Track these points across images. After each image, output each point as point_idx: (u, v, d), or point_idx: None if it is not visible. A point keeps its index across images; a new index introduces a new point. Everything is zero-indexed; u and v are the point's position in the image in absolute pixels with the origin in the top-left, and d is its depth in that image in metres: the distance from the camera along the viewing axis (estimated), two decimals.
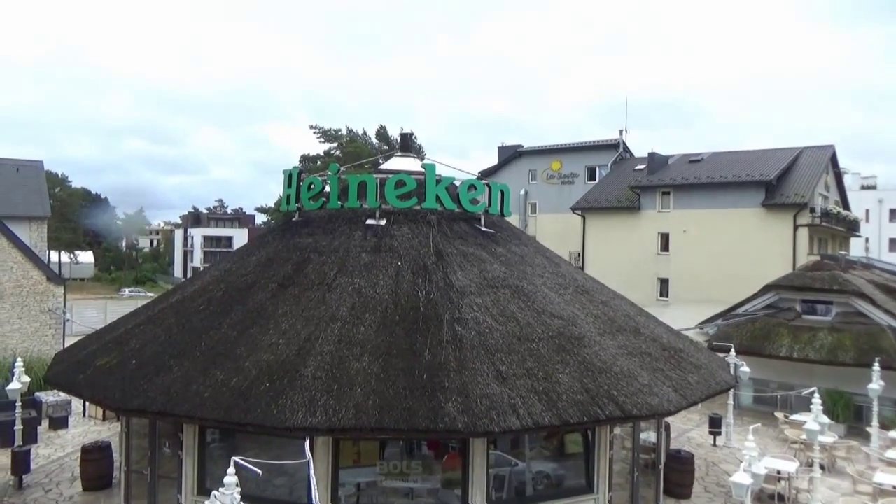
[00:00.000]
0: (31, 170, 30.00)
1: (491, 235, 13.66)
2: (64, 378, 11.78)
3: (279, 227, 15.09)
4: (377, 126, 66.91)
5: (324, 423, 8.67)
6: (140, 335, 11.80)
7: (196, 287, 13.07)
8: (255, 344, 10.31)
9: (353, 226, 13.03)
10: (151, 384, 10.12)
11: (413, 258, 12.03)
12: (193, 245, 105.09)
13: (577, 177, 42.12)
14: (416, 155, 17.54)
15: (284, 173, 14.37)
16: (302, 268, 12.07)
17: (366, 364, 9.57)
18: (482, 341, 10.21)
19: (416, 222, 13.07)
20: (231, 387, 9.53)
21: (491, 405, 8.98)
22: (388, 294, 11.09)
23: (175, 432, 10.98)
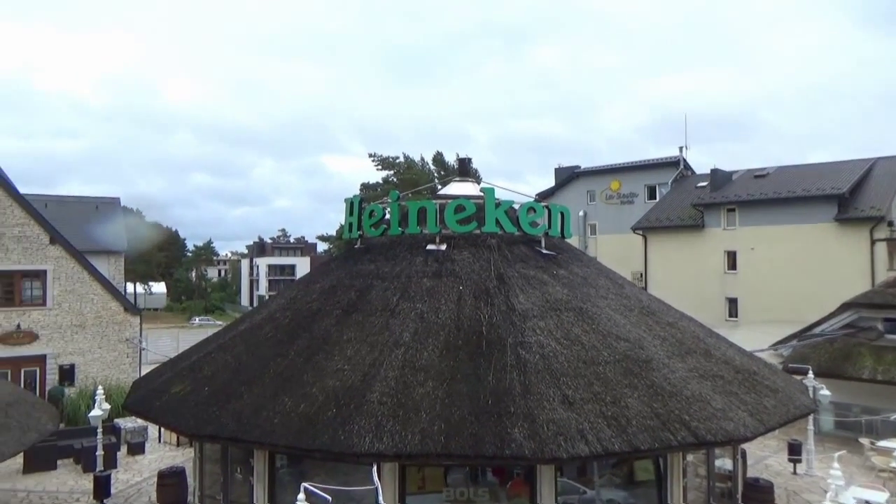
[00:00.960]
0: (108, 207, 31.68)
1: (552, 258, 13.54)
2: (141, 405, 12.24)
3: (342, 255, 15.39)
4: (433, 152, 67.61)
5: (390, 448, 8.70)
6: (212, 363, 12.18)
7: (263, 315, 13.42)
8: (322, 370, 10.48)
9: (414, 251, 13.16)
10: (223, 411, 10.40)
11: (474, 282, 12.05)
12: (259, 274, 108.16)
13: (637, 196, 41.39)
14: (473, 179, 17.61)
15: (346, 202, 14.69)
16: (365, 294, 12.24)
17: (430, 389, 9.58)
18: (547, 365, 10.08)
19: (477, 246, 13.10)
20: (299, 413, 9.69)
21: (558, 431, 8.82)
22: (450, 318, 11.11)
23: (246, 458, 11.22)
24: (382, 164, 65.20)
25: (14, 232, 22.49)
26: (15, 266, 22.51)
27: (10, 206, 22.47)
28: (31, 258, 22.77)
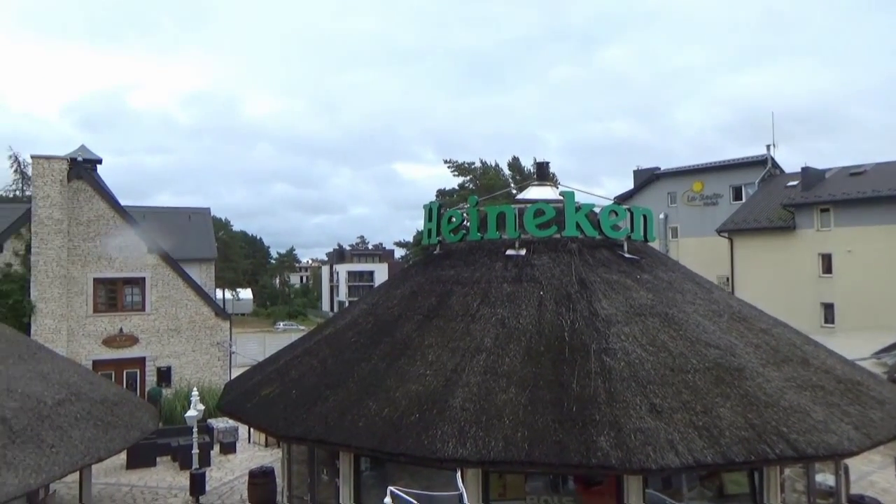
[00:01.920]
0: (200, 217, 33.31)
1: (635, 262, 13.20)
2: (234, 406, 12.77)
3: (421, 261, 15.55)
4: (506, 157, 67.47)
5: (474, 454, 8.69)
6: (298, 366, 12.55)
7: (347, 320, 13.73)
8: (404, 375, 10.60)
9: (494, 257, 13.13)
10: (310, 413, 10.70)
11: (555, 287, 11.89)
12: (339, 280, 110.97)
13: (721, 197, 39.83)
14: (552, 183, 17.42)
15: (425, 208, 14.84)
16: (445, 299, 12.31)
17: (513, 395, 9.51)
18: (632, 372, 9.81)
19: (557, 251, 12.94)
20: (383, 417, 9.84)
21: (646, 440, 8.56)
22: (531, 324, 11.01)
23: (332, 460, 11.49)
24: (458, 170, 65.62)
25: (116, 242, 24.01)
26: (117, 274, 24.04)
27: (112, 218, 24.02)
28: (131, 266, 24.25)
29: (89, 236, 23.61)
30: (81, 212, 23.46)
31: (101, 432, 11.84)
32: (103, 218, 23.86)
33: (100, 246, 23.67)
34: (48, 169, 22.46)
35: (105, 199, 24.07)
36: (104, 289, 24.00)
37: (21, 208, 26.66)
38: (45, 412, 11.30)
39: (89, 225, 23.62)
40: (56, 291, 22.37)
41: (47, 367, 12.85)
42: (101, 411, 12.39)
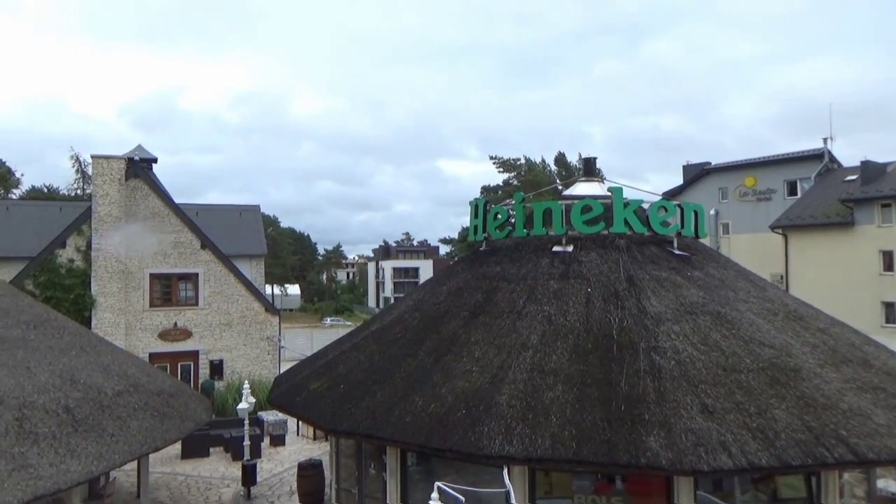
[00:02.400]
0: (250, 213, 34.01)
1: (685, 259, 12.92)
2: (283, 400, 13.03)
3: (467, 257, 15.55)
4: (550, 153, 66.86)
5: (521, 452, 8.67)
6: (346, 361, 12.73)
7: (393, 316, 13.84)
8: (450, 371, 10.64)
9: (540, 253, 13.05)
10: (358, 408, 10.85)
11: (603, 284, 11.75)
12: (384, 276, 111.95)
13: (775, 192, 38.59)
14: (599, 179, 17.18)
15: (471, 204, 14.83)
16: (491, 296, 12.29)
17: (560, 393, 9.45)
18: (683, 372, 9.62)
19: (605, 247, 12.77)
20: (430, 413, 9.90)
21: (698, 441, 8.39)
22: (578, 321, 10.91)
23: (379, 454, 11.61)
24: (503, 167, 65.31)
25: (171, 238, 24.76)
26: (172, 269, 24.77)
27: (167, 215, 24.76)
28: (185, 262, 24.96)
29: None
30: (138, 209, 24.25)
31: (157, 423, 12.25)
32: (159, 215, 24.62)
33: (155, 242, 24.45)
34: (107, 168, 23.29)
35: (160, 196, 24.83)
36: (159, 284, 24.77)
37: (82, 206, 27.72)
38: (105, 402, 11.74)
39: (146, 222, 24.40)
40: (115, 286, 23.20)
41: (107, 359, 13.35)
42: (157, 402, 12.82)
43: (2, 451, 9.54)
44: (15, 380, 10.91)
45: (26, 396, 10.72)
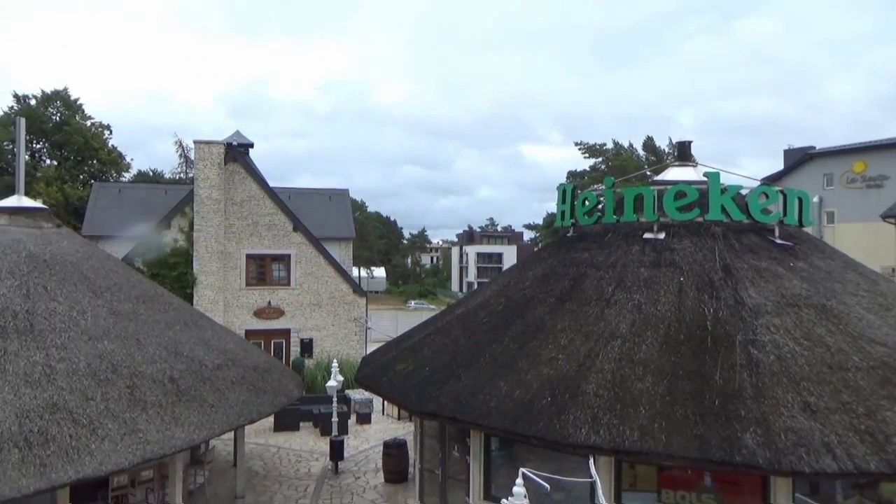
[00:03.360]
0: (339, 197, 34.93)
1: (788, 248, 12.21)
2: (370, 380, 13.37)
3: (554, 243, 15.34)
4: (637, 138, 64.75)
5: (607, 442, 8.51)
6: (431, 344, 12.88)
7: (478, 301, 13.87)
8: (536, 358, 10.56)
9: (630, 240, 12.68)
10: (442, 391, 10.97)
11: (697, 273, 11.29)
12: (468, 261, 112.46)
13: (888, 179, 35.71)
14: (694, 164, 16.48)
15: (559, 189, 14.59)
16: (579, 283, 12.08)
17: (649, 385, 9.19)
18: (783, 367, 9.13)
19: (699, 235, 12.25)
20: (514, 398, 9.88)
21: (798, 441, 7.95)
22: (670, 311, 10.55)
23: (463, 437, 11.72)
24: (589, 152, 63.82)
25: (265, 220, 25.82)
26: (266, 250, 25.86)
27: (262, 199, 25.82)
28: (278, 243, 25.98)
29: (242, 215, 25.55)
30: (236, 192, 25.42)
31: (253, 396, 12.85)
32: (254, 198, 25.71)
33: (252, 224, 25.58)
34: (208, 153, 24.51)
35: (256, 180, 25.90)
36: (255, 264, 25.92)
37: (185, 189, 29.31)
38: (206, 375, 12.42)
39: (242, 205, 25.55)
40: (214, 265, 24.47)
41: (208, 334, 14.10)
42: (253, 377, 13.44)
43: (115, 415, 10.29)
44: (126, 350, 11.71)
45: (136, 366, 11.49)
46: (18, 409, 9.59)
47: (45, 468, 8.96)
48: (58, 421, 9.67)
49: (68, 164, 46.35)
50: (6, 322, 10.81)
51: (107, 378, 10.86)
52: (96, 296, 12.50)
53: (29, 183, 33.84)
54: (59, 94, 47.31)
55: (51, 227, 13.61)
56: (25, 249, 12.42)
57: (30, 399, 9.81)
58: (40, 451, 9.15)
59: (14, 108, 45.06)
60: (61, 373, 10.47)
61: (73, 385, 10.38)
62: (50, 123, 46.23)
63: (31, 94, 46.69)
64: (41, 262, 12.37)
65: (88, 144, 46.48)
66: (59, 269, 12.47)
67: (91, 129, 47.93)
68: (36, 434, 9.34)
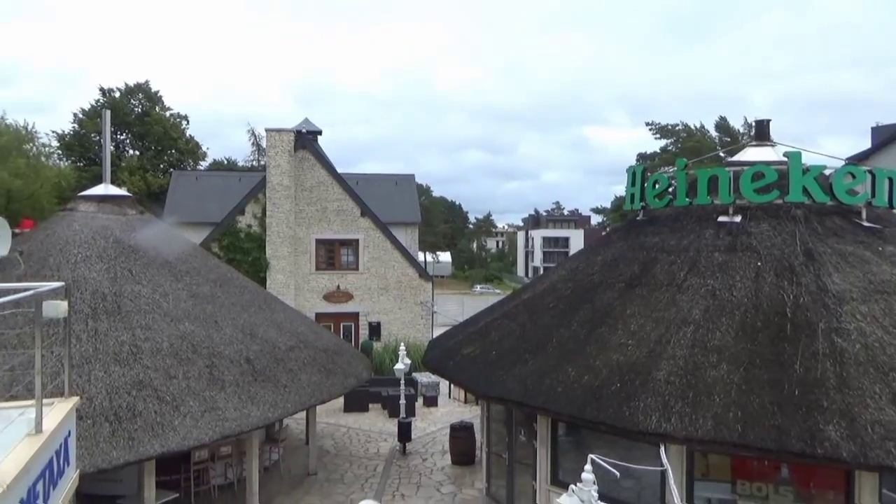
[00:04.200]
0: (405, 182, 35.26)
1: (876, 232, 11.51)
2: (437, 363, 13.50)
3: (623, 227, 15.01)
4: (713, 118, 62.28)
5: (679, 431, 8.31)
6: (498, 329, 12.88)
7: (545, 285, 13.75)
8: (604, 343, 10.40)
9: (704, 223, 12.25)
10: (509, 375, 10.96)
11: (776, 258, 10.81)
12: (534, 246, 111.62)
13: None
14: (772, 143, 15.74)
15: (628, 171, 14.23)
16: (649, 268, 11.79)
17: (724, 373, 8.90)
18: (870, 357, 8.65)
19: (778, 218, 11.71)
20: (582, 384, 9.77)
21: (887, 434, 7.54)
22: (746, 297, 10.15)
23: (529, 422, 11.69)
24: (661, 133, 61.95)
25: (334, 206, 26.37)
26: (335, 235, 26.44)
27: (331, 184, 26.36)
28: (346, 228, 26.51)
29: (312, 201, 26.17)
30: (305, 178, 26.04)
31: (324, 377, 13.23)
32: (323, 184, 26.28)
33: (321, 210, 26.18)
34: (278, 140, 25.18)
35: (325, 166, 26.45)
36: (324, 249, 26.55)
37: (258, 176, 30.24)
38: (279, 356, 12.86)
39: (312, 190, 26.16)
40: (285, 250, 25.21)
41: (281, 317, 14.57)
42: (323, 359, 13.82)
43: (196, 393, 10.80)
44: (206, 331, 12.25)
45: (214, 347, 12.01)
46: (108, 385, 10.20)
47: (133, 442, 9.51)
48: (144, 397, 10.24)
49: (149, 153, 48.58)
50: (96, 304, 11.48)
51: (188, 357, 11.40)
52: (177, 279, 13.10)
53: (114, 172, 35.69)
54: (141, 87, 49.56)
55: (135, 213, 14.32)
56: (112, 235, 13.12)
57: (118, 376, 10.41)
58: (128, 425, 9.71)
59: (100, 102, 47.48)
60: (146, 352, 11.06)
61: (157, 364, 10.95)
62: (132, 115, 48.50)
63: (116, 88, 49.10)
64: (126, 247, 13.05)
65: (168, 134, 48.55)
66: (142, 254, 13.12)
67: (170, 119, 50.02)
68: (124, 409, 9.92)
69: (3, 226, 11.77)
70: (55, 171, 37.47)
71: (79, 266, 12.09)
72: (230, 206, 26.62)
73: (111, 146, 25.33)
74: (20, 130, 34.98)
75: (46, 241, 12.71)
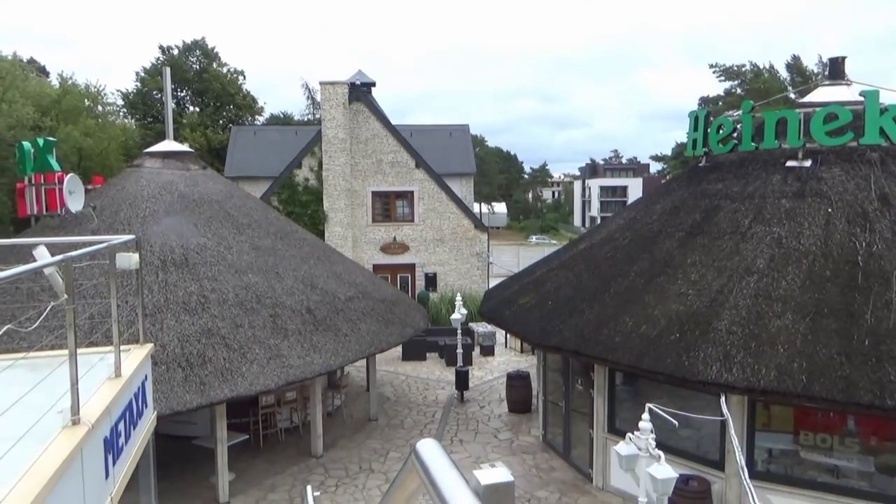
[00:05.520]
0: (459, 133, 34.92)
1: None
2: (493, 313, 13.60)
3: (684, 174, 14.56)
4: (781, 58, 58.75)
5: (741, 381, 8.18)
6: (554, 279, 12.83)
7: (603, 235, 13.55)
8: (663, 293, 10.24)
9: (770, 169, 11.74)
10: (566, 325, 10.95)
11: (848, 204, 10.31)
12: (591, 195, 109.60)
13: None
14: (847, 83, 14.81)
15: (690, 116, 13.69)
16: (711, 216, 11.44)
17: (789, 322, 8.66)
18: None
19: (851, 162, 11.11)
20: (640, 334, 9.69)
21: None
22: (815, 245, 9.76)
23: (586, 371, 11.72)
24: (725, 74, 58.97)
25: (389, 158, 26.44)
26: (391, 187, 26.59)
27: (385, 137, 26.37)
28: (402, 180, 26.60)
29: (367, 153, 26.30)
30: (360, 131, 26.13)
31: (382, 327, 13.53)
32: (378, 136, 26.32)
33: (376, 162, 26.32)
34: (333, 93, 25.24)
35: (379, 119, 26.44)
36: (380, 201, 26.78)
37: (313, 130, 30.52)
38: (339, 306, 13.19)
39: (367, 143, 26.26)
40: (342, 203, 25.56)
41: (339, 269, 14.88)
42: (382, 309, 14.10)
43: (261, 341, 11.24)
44: (268, 283, 12.64)
45: (277, 297, 12.40)
46: (180, 333, 10.71)
47: (205, 386, 10.02)
48: (213, 345, 10.73)
49: (209, 109, 49.51)
50: (165, 256, 11.97)
51: (252, 307, 11.82)
52: (239, 232, 13.50)
53: (176, 129, 36.62)
54: (198, 44, 50.22)
55: (197, 168, 14.72)
56: (177, 190, 13.56)
57: (188, 325, 10.91)
58: (199, 371, 10.22)
59: (160, 60, 48.47)
60: (213, 302, 11.52)
61: (223, 313, 11.41)
62: (191, 72, 49.36)
63: (174, 45, 49.94)
64: (191, 201, 13.48)
65: (225, 90, 49.27)
66: (206, 207, 13.54)
67: (227, 75, 50.69)
68: (195, 356, 10.42)
69: (77, 183, 12.36)
70: (121, 129, 38.75)
71: (147, 220, 12.58)
72: (288, 161, 27.03)
73: (172, 103, 25.95)
74: (89, 91, 36.15)
75: (117, 197, 13.25)
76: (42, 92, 30.94)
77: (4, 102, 25.26)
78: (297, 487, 11.46)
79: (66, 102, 31.57)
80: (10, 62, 30.88)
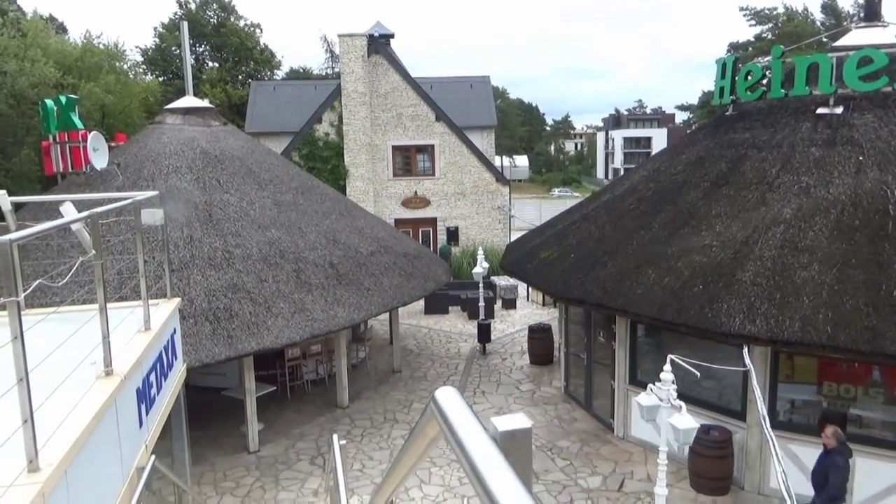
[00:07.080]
0: (480, 85, 34.32)
1: None
2: (515, 266, 13.61)
3: (710, 123, 14.21)
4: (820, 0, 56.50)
5: (764, 332, 8.14)
6: (576, 232, 12.76)
7: (626, 187, 13.38)
8: (687, 245, 10.14)
9: (800, 116, 11.42)
10: (588, 277, 10.94)
11: (880, 151, 10.02)
12: (614, 147, 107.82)
13: None
14: (884, 24, 14.20)
15: (718, 62, 13.30)
16: (737, 166, 11.22)
17: (815, 273, 8.54)
18: None
19: (885, 108, 10.75)
20: (663, 286, 9.65)
21: None
22: (845, 195, 9.55)
23: (608, 323, 11.75)
24: (756, 18, 56.98)
25: (409, 112, 26.16)
26: (410, 141, 26.39)
27: (405, 90, 26.04)
28: (422, 134, 26.37)
29: (387, 107, 26.05)
30: (379, 84, 25.83)
31: (404, 281, 13.63)
32: (398, 90, 26.00)
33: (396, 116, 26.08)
34: (351, 46, 24.89)
35: (399, 71, 26.07)
36: (400, 155, 26.63)
37: (333, 84, 30.22)
38: (361, 261, 13.30)
39: (386, 97, 25.98)
40: (363, 157, 25.48)
41: (361, 223, 14.94)
42: (403, 263, 14.19)
43: (286, 295, 11.41)
44: (291, 238, 12.76)
45: (300, 252, 12.53)
46: (206, 288, 10.91)
47: (232, 339, 10.25)
48: (239, 299, 10.92)
49: (227, 65, 49.24)
50: (189, 212, 12.10)
51: (276, 262, 11.97)
52: (261, 188, 13.57)
53: (196, 85, 36.54)
54: None
55: (218, 125, 14.73)
56: (199, 146, 13.61)
57: (214, 280, 11.10)
58: (227, 324, 10.44)
59: (177, 14, 48.09)
60: (238, 257, 11.68)
61: (248, 268, 11.58)
62: (209, 27, 48.93)
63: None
64: (213, 157, 13.53)
65: (243, 45, 48.86)
66: (228, 163, 13.60)
67: (244, 29, 50.18)
68: (222, 310, 10.63)
69: (101, 140, 12.46)
70: (142, 86, 38.76)
71: (171, 177, 12.69)
72: (308, 115, 26.88)
73: (191, 59, 25.79)
74: (110, 48, 36.07)
75: (140, 154, 13.34)
76: (63, 50, 30.93)
77: (27, 60, 25.33)
78: (324, 437, 11.80)
79: (87, 60, 31.58)
80: (31, 20, 30.86)
